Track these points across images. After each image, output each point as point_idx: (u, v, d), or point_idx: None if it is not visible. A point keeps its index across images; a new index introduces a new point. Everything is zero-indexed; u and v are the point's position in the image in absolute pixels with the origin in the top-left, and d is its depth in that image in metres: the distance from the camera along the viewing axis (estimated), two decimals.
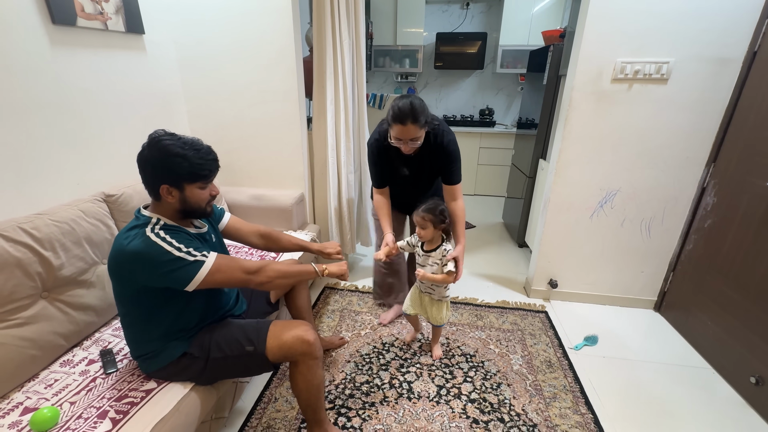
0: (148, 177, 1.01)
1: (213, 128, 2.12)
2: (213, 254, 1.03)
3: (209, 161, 1.03)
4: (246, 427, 1.38)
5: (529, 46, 3.67)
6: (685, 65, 1.68)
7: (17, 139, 1.26)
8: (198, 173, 1.01)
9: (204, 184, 1.05)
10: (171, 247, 0.96)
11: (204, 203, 1.07)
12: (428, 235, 1.47)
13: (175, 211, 1.05)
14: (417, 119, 1.35)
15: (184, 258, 0.97)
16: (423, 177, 1.64)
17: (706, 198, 1.82)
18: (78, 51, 1.46)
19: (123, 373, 1.13)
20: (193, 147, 1.00)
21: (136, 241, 0.96)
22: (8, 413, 0.98)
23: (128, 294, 1.03)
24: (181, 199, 1.02)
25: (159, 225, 1.01)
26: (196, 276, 0.98)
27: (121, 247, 0.97)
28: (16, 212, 1.21)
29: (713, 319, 1.74)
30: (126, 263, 0.97)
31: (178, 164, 0.98)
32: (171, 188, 1.00)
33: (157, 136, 0.99)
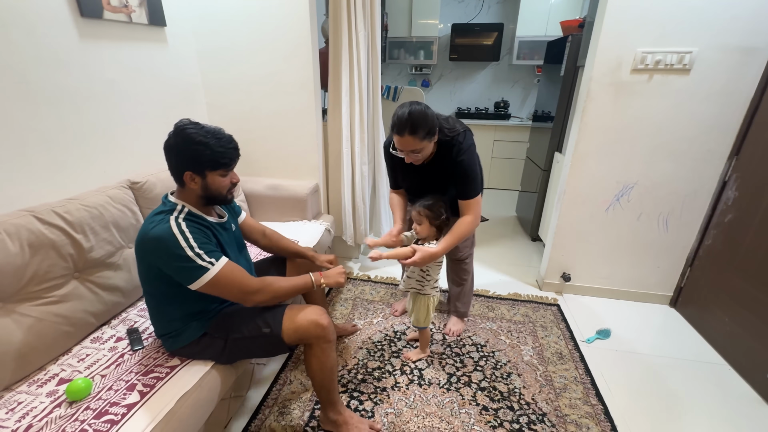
0: (173, 163, 1.06)
1: (231, 119, 2.16)
2: (220, 263, 1.04)
3: (230, 149, 1.07)
4: (262, 406, 1.44)
5: (546, 36, 3.60)
6: (709, 55, 1.63)
7: (50, 128, 1.33)
8: (219, 161, 1.05)
9: (225, 172, 1.09)
10: (186, 243, 1.00)
11: (225, 190, 1.11)
12: (424, 231, 1.42)
13: (198, 197, 1.09)
14: (415, 131, 1.26)
15: (193, 259, 1.00)
16: (437, 186, 1.49)
17: (727, 192, 1.78)
18: (104, 43, 1.52)
19: (148, 350, 1.19)
20: (215, 136, 1.04)
21: (160, 226, 1.01)
22: (45, 383, 1.05)
23: (149, 274, 1.08)
24: (203, 186, 1.07)
25: (183, 213, 1.06)
26: (198, 280, 1.01)
27: (146, 231, 1.02)
28: (49, 197, 1.28)
29: (731, 315, 1.71)
30: (147, 246, 1.02)
31: (201, 152, 1.02)
32: (194, 175, 1.05)
33: (182, 125, 1.04)
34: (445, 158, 1.42)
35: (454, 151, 1.40)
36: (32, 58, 1.26)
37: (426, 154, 1.38)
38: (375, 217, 2.49)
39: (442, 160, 1.43)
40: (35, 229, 1.12)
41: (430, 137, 1.32)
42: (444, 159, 1.42)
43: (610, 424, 1.38)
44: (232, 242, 1.23)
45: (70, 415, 0.95)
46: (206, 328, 1.15)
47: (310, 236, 1.96)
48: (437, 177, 1.47)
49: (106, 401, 0.99)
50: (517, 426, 1.37)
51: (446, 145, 1.40)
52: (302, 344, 1.20)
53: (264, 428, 1.35)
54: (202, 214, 1.11)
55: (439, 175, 1.46)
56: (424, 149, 1.34)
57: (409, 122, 1.26)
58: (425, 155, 1.38)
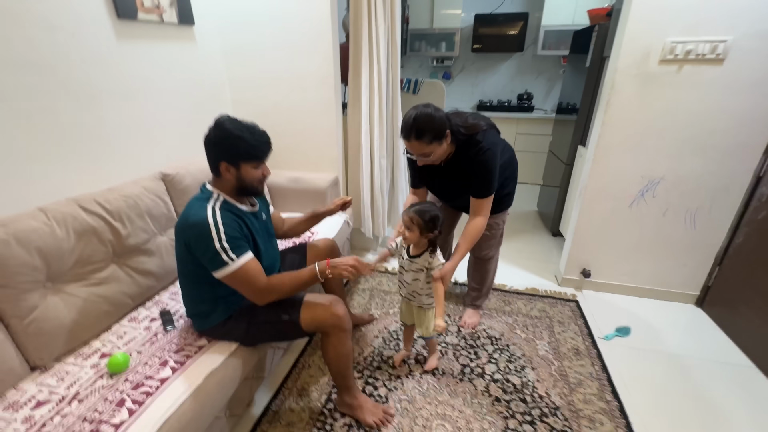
0: (210, 154, 1.14)
1: (255, 114, 2.19)
2: (240, 261, 1.09)
3: (263, 143, 1.15)
4: (283, 388, 1.52)
5: (573, 26, 3.48)
6: (745, 43, 1.55)
7: (91, 123, 1.43)
8: (253, 153, 1.13)
9: (257, 164, 1.16)
10: (217, 235, 1.06)
11: (257, 182, 1.19)
12: (412, 238, 1.33)
13: (232, 187, 1.17)
14: (420, 136, 1.26)
15: (219, 252, 1.07)
16: (457, 186, 1.50)
17: (761, 188, 1.69)
18: (138, 42, 1.61)
19: (180, 330, 1.29)
20: (250, 130, 1.12)
21: (199, 213, 1.09)
22: (90, 356, 1.16)
23: (185, 255, 1.16)
24: (237, 176, 1.14)
25: (219, 201, 1.14)
26: (218, 271, 1.09)
27: (187, 215, 1.11)
28: (92, 187, 1.38)
29: (762, 316, 1.64)
30: (185, 228, 1.11)
31: (237, 144, 1.10)
32: (229, 165, 1.12)
33: (222, 119, 1.12)
34: (462, 158, 1.41)
35: (472, 152, 1.39)
36: (75, 57, 1.35)
37: (438, 156, 1.37)
38: (393, 209, 2.53)
39: (459, 160, 1.42)
40: (79, 216, 1.23)
41: (438, 140, 1.30)
42: (462, 159, 1.41)
43: (625, 421, 1.37)
44: (263, 230, 1.30)
45: (110, 386, 1.05)
46: (231, 312, 1.23)
47: (329, 228, 2.02)
48: (457, 176, 1.46)
49: (142, 374, 1.09)
50: (529, 418, 1.38)
51: (465, 144, 1.39)
52: (319, 332, 1.26)
53: (284, 408, 1.43)
54: (235, 203, 1.19)
55: (458, 175, 1.45)
56: (434, 152, 1.33)
57: (414, 127, 1.26)
58: (438, 157, 1.37)
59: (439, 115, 1.29)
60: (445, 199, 1.71)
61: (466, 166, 1.41)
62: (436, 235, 1.34)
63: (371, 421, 1.34)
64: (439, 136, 1.30)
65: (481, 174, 1.40)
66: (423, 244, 1.38)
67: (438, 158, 1.38)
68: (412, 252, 1.41)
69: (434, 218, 1.31)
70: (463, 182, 1.46)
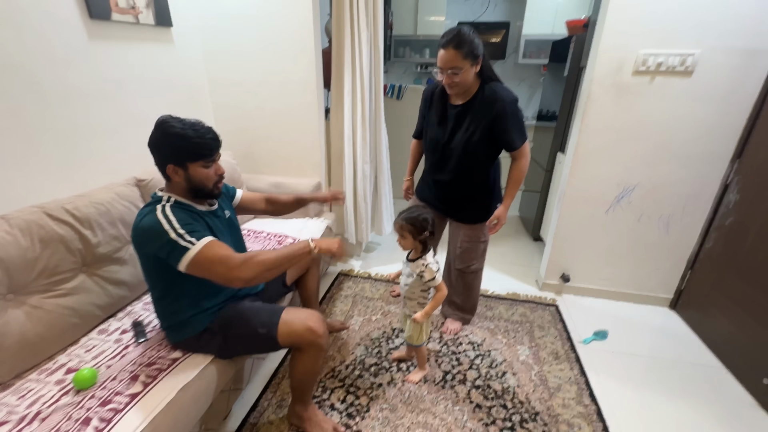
0: (156, 158, 1.09)
1: (236, 118, 2.21)
2: (201, 242, 1.01)
3: (208, 140, 1.08)
4: (261, 399, 1.48)
5: (553, 35, 3.57)
6: (712, 57, 1.62)
7: (61, 126, 1.38)
8: (198, 152, 1.07)
9: (206, 163, 1.10)
10: (169, 226, 1.01)
11: (210, 182, 1.13)
12: (407, 245, 1.37)
13: (183, 189, 1.12)
14: (459, 46, 1.27)
15: (176, 241, 1.00)
16: (461, 139, 1.45)
17: (728, 195, 1.77)
18: (112, 44, 1.56)
19: (152, 342, 1.24)
20: (192, 127, 1.06)
21: (147, 217, 1.04)
22: (54, 372, 1.10)
23: (149, 265, 1.11)
24: (186, 178, 1.09)
25: (169, 202, 1.09)
26: (181, 260, 1.01)
27: (136, 224, 1.07)
28: (60, 193, 1.33)
29: (730, 318, 1.70)
30: (138, 238, 1.07)
31: (179, 144, 1.05)
32: (176, 167, 1.07)
33: (162, 120, 1.07)
34: (484, 109, 1.39)
35: (488, 92, 1.38)
36: (44, 58, 1.30)
37: (464, 80, 1.35)
38: (377, 215, 2.52)
39: (481, 110, 1.39)
40: (45, 224, 1.17)
41: (472, 59, 1.31)
42: (483, 109, 1.39)
43: (603, 425, 1.40)
44: (227, 229, 1.25)
45: (76, 403, 1.00)
46: (207, 324, 1.19)
47: (311, 234, 1.99)
48: (470, 124, 1.42)
49: (111, 390, 1.04)
50: (509, 424, 1.39)
51: (490, 97, 1.38)
52: (295, 347, 1.22)
53: (263, 420, 1.40)
54: (190, 203, 1.14)
55: (471, 123, 1.42)
56: (464, 71, 1.32)
57: (457, 37, 1.28)
58: (464, 82, 1.35)
59: (478, 40, 1.32)
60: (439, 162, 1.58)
61: (482, 105, 1.39)
62: (426, 236, 1.36)
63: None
64: (475, 55, 1.31)
65: (511, 120, 1.38)
66: (418, 248, 1.40)
67: (462, 83, 1.36)
68: (412, 256, 1.43)
69: (424, 221, 1.34)
70: (470, 134, 1.43)
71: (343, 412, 1.42)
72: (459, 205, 1.63)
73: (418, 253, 1.40)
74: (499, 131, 1.41)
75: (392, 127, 2.55)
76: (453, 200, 1.63)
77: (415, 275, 1.40)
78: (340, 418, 1.40)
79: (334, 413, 1.42)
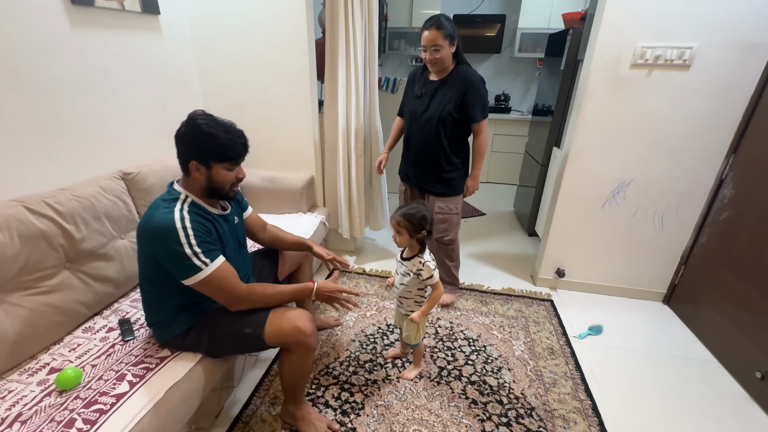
0: (180, 152, 1.06)
1: (226, 109, 2.12)
2: (214, 265, 1.04)
3: (238, 144, 1.07)
4: (254, 397, 1.45)
5: (549, 29, 3.55)
6: (710, 51, 1.60)
7: (42, 117, 1.32)
8: (226, 154, 1.05)
9: (231, 166, 1.08)
10: (185, 239, 0.99)
11: (228, 185, 1.11)
12: (404, 242, 1.34)
13: (201, 188, 1.09)
14: (440, 27, 1.54)
15: (190, 257, 1.00)
16: (435, 109, 1.70)
17: (723, 190, 1.77)
18: (96, 31, 1.50)
19: (140, 341, 1.20)
20: (225, 129, 1.05)
21: (164, 216, 1.01)
22: (36, 372, 1.06)
23: (147, 261, 1.08)
24: (207, 177, 1.07)
25: (187, 203, 1.06)
26: (191, 277, 1.02)
27: (150, 217, 1.03)
28: (41, 187, 1.27)
29: (723, 313, 1.71)
30: (148, 232, 1.03)
31: (208, 143, 1.03)
32: (199, 165, 1.05)
33: (195, 115, 1.04)
34: (457, 82, 1.66)
35: (462, 71, 1.67)
36: (22, 45, 1.24)
37: (444, 59, 1.61)
38: (371, 210, 2.49)
39: (454, 84, 1.67)
40: (25, 219, 1.12)
41: (450, 40, 1.58)
42: (456, 82, 1.66)
43: (598, 419, 1.39)
44: (233, 236, 1.22)
45: (59, 404, 0.96)
46: (192, 322, 1.15)
47: (305, 229, 1.96)
48: (445, 94, 1.68)
49: (96, 391, 1.00)
50: (505, 420, 1.38)
51: (463, 73, 1.66)
52: (282, 347, 1.19)
53: (255, 418, 1.37)
54: (205, 205, 1.11)
55: (446, 94, 1.68)
56: (443, 49, 1.58)
57: (438, 20, 1.56)
58: (443, 58, 1.61)
59: (454, 26, 1.60)
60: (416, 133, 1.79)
61: (462, 86, 1.65)
62: (424, 235, 1.33)
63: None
64: (453, 37, 1.59)
65: (478, 97, 1.66)
66: (414, 247, 1.36)
67: (442, 62, 1.63)
68: (406, 254, 1.39)
69: (422, 219, 1.31)
70: (446, 103, 1.67)
71: (337, 410, 1.40)
72: (434, 178, 1.82)
73: (415, 252, 1.37)
74: (466, 104, 1.66)
75: (387, 121, 2.51)
76: (423, 173, 1.84)
77: (412, 274, 1.37)
78: (335, 415, 1.38)
79: (329, 411, 1.40)
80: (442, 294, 1.41)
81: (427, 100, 1.72)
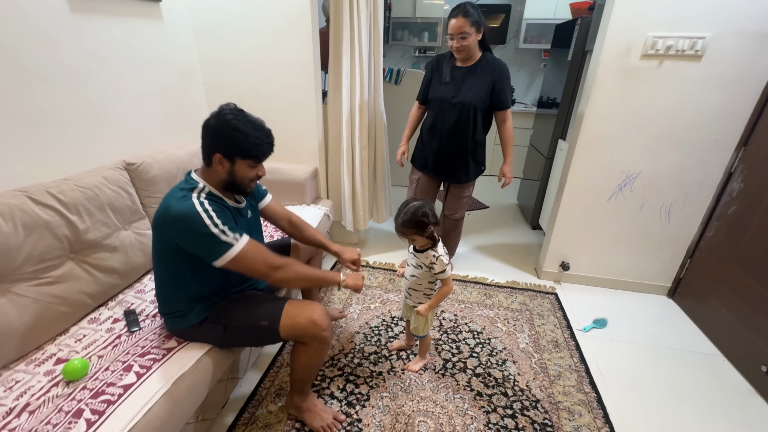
0: (206, 143, 1.06)
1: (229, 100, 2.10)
2: (244, 239, 1.05)
3: (265, 143, 1.07)
4: (259, 388, 1.46)
5: (555, 19, 3.49)
6: (723, 41, 1.57)
7: (44, 106, 1.30)
8: (252, 152, 1.05)
9: (254, 163, 1.08)
10: (210, 221, 1.00)
11: (247, 181, 1.11)
12: (420, 243, 1.33)
13: (220, 180, 1.09)
14: (467, 14, 1.58)
15: (218, 236, 1.00)
16: (469, 90, 1.73)
17: (732, 183, 1.75)
18: (96, 18, 1.47)
19: (146, 332, 1.20)
20: (254, 126, 1.04)
21: (183, 203, 1.00)
22: (43, 363, 1.06)
23: (164, 250, 1.08)
24: (229, 171, 1.07)
25: (204, 192, 1.06)
26: (223, 255, 1.02)
27: (168, 206, 1.02)
28: (41, 177, 1.26)
29: (728, 307, 1.71)
30: (168, 221, 1.02)
31: (237, 138, 1.02)
32: (223, 159, 1.04)
33: (227, 108, 1.04)
34: (487, 70, 1.72)
35: (490, 58, 1.74)
36: (21, 32, 1.21)
37: (470, 46, 1.65)
38: (375, 202, 2.47)
39: (484, 71, 1.72)
40: (29, 209, 1.11)
41: (477, 27, 1.62)
42: (486, 70, 1.72)
43: (603, 412, 1.40)
44: (248, 230, 1.20)
45: (67, 395, 0.96)
46: (208, 313, 1.15)
47: (308, 221, 1.93)
48: (475, 81, 1.72)
49: (103, 381, 1.00)
50: (510, 411, 1.39)
51: (491, 61, 1.72)
52: (297, 340, 1.18)
53: (261, 410, 1.37)
54: (221, 196, 1.11)
55: (477, 81, 1.72)
56: (470, 37, 1.62)
57: (464, 7, 1.59)
58: (470, 46, 1.65)
59: (481, 14, 1.63)
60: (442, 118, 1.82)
61: (490, 73, 1.71)
62: (431, 230, 1.29)
63: (318, 426, 1.28)
64: (479, 24, 1.63)
65: (506, 85, 1.73)
66: (428, 242, 1.33)
67: (468, 48, 1.66)
68: (419, 246, 1.36)
69: (422, 215, 1.26)
70: (476, 87, 1.72)
71: (343, 401, 1.41)
72: (452, 165, 1.89)
73: (428, 245, 1.34)
74: (498, 91, 1.72)
75: (391, 112, 2.49)
76: (447, 161, 1.88)
77: (424, 267, 1.35)
78: (340, 406, 1.39)
79: (334, 402, 1.40)
80: (451, 290, 1.39)
81: (458, 86, 1.75)
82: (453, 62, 1.77)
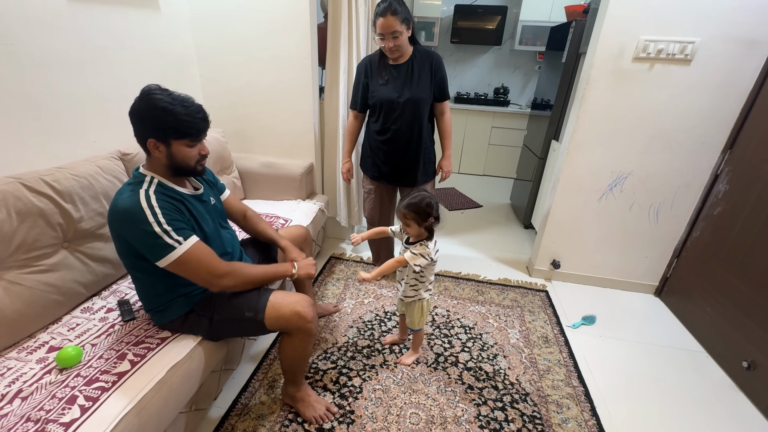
0: (137, 130, 1.02)
1: (226, 93, 2.12)
2: (189, 242, 1.00)
3: (197, 120, 1.01)
4: (252, 380, 1.46)
5: (550, 22, 3.54)
6: (711, 45, 1.62)
7: (39, 94, 1.29)
8: (184, 130, 1.00)
9: (191, 142, 1.04)
10: (153, 218, 0.96)
11: (192, 161, 1.06)
12: (414, 231, 1.32)
13: (164, 167, 1.05)
14: (396, 12, 1.50)
15: (161, 236, 0.96)
16: (413, 92, 1.66)
17: (718, 185, 1.80)
18: (94, 7, 1.46)
19: (139, 321, 1.20)
20: (182, 103, 0.99)
21: (128, 199, 0.98)
22: (35, 350, 1.06)
23: (123, 248, 1.05)
24: (168, 155, 1.02)
25: (153, 185, 1.02)
26: (164, 258, 0.98)
27: (115, 202, 1.00)
28: (36, 164, 1.25)
29: (712, 305, 1.76)
30: (116, 218, 1.00)
31: (165, 119, 0.97)
32: (158, 143, 1.00)
33: (149, 90, 0.98)
34: (425, 63, 1.67)
35: (422, 51, 1.68)
36: (17, 19, 1.20)
37: (403, 45, 1.59)
38: None
39: (422, 65, 1.67)
40: (23, 196, 1.10)
41: (407, 24, 1.56)
42: (424, 63, 1.67)
43: (590, 405, 1.43)
44: (211, 216, 1.18)
45: (60, 382, 0.96)
46: (192, 305, 1.15)
47: (303, 216, 1.95)
48: (416, 76, 1.67)
49: (97, 369, 1.00)
50: (500, 404, 1.41)
51: (424, 53, 1.68)
52: (283, 332, 1.19)
53: (254, 400, 1.38)
54: (173, 185, 1.07)
55: (417, 76, 1.67)
56: (401, 36, 1.55)
57: (391, 5, 1.50)
58: (403, 44, 1.59)
59: (407, 7, 1.55)
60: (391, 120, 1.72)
61: (428, 69, 1.67)
62: (431, 222, 1.30)
63: (310, 416, 1.29)
64: (408, 20, 1.56)
65: (444, 78, 1.71)
66: (423, 234, 1.34)
67: (401, 47, 1.59)
68: (412, 239, 1.36)
69: (428, 206, 1.27)
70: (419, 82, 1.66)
71: (335, 393, 1.42)
72: (406, 168, 1.81)
73: (422, 238, 1.34)
74: (439, 80, 1.69)
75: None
76: (402, 164, 1.80)
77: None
78: (333, 398, 1.40)
79: (327, 394, 1.41)
80: (401, 263, 1.35)
81: (400, 84, 1.66)
82: (386, 61, 1.67)
